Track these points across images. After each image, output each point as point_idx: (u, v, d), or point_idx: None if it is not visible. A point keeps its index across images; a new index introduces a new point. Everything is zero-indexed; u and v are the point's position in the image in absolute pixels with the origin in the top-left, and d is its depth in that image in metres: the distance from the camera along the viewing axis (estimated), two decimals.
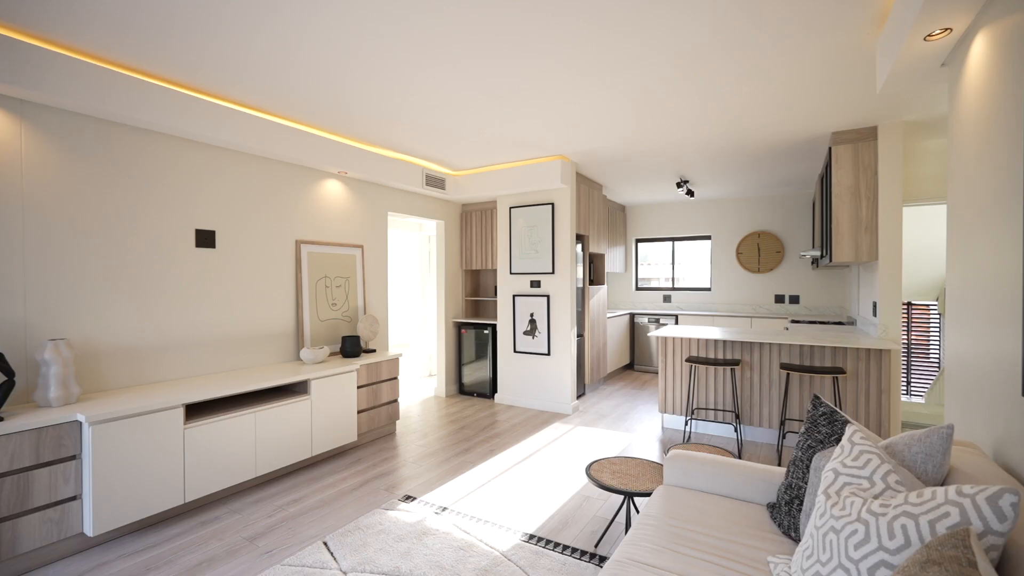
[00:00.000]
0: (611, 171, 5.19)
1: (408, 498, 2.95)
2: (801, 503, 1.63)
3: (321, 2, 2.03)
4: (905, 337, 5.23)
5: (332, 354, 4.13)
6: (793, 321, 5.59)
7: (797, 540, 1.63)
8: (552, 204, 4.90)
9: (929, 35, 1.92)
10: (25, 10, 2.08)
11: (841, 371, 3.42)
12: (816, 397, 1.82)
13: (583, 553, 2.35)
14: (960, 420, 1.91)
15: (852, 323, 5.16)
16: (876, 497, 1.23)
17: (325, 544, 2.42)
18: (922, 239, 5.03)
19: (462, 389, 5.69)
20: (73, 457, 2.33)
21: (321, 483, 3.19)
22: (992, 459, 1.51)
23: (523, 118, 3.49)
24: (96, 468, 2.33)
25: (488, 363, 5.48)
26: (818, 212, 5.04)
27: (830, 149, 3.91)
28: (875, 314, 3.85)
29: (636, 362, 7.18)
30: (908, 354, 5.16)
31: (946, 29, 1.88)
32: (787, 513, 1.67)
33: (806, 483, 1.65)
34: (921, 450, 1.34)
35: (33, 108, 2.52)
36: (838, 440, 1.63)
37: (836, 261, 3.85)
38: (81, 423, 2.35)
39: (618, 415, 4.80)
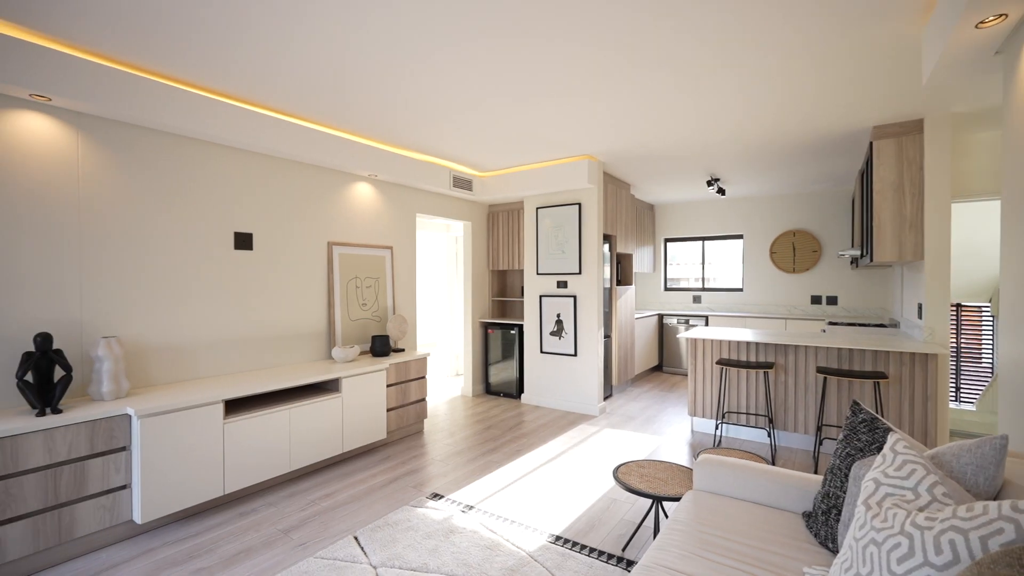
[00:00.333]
0: (639, 170, 5.12)
1: (436, 496, 2.99)
2: (839, 513, 1.58)
3: (352, 15, 2.08)
4: (954, 341, 4.96)
5: (362, 353, 4.22)
6: (830, 323, 5.38)
7: (835, 552, 1.57)
8: (579, 204, 4.87)
9: (981, 22, 1.82)
10: (83, 26, 2.21)
11: (883, 376, 3.27)
12: (855, 403, 1.75)
13: (610, 556, 2.33)
14: (1015, 429, 1.80)
15: (895, 326, 4.93)
16: (921, 510, 1.17)
17: (356, 539, 2.48)
18: (972, 237, 4.76)
19: (489, 389, 5.72)
20: (123, 448, 2.47)
21: (352, 479, 3.27)
22: None
23: (550, 118, 3.48)
24: (144, 459, 2.46)
25: (515, 363, 5.49)
26: (858, 209, 4.83)
27: (871, 144, 3.74)
28: (920, 316, 3.66)
29: (665, 364, 7.06)
30: (957, 359, 4.89)
31: (1001, 15, 1.78)
32: (824, 523, 1.61)
33: (844, 492, 1.59)
34: (971, 461, 1.27)
35: (89, 120, 2.67)
36: (879, 448, 1.56)
37: (877, 261, 3.69)
38: (131, 416, 2.48)
39: (646, 417, 4.74)
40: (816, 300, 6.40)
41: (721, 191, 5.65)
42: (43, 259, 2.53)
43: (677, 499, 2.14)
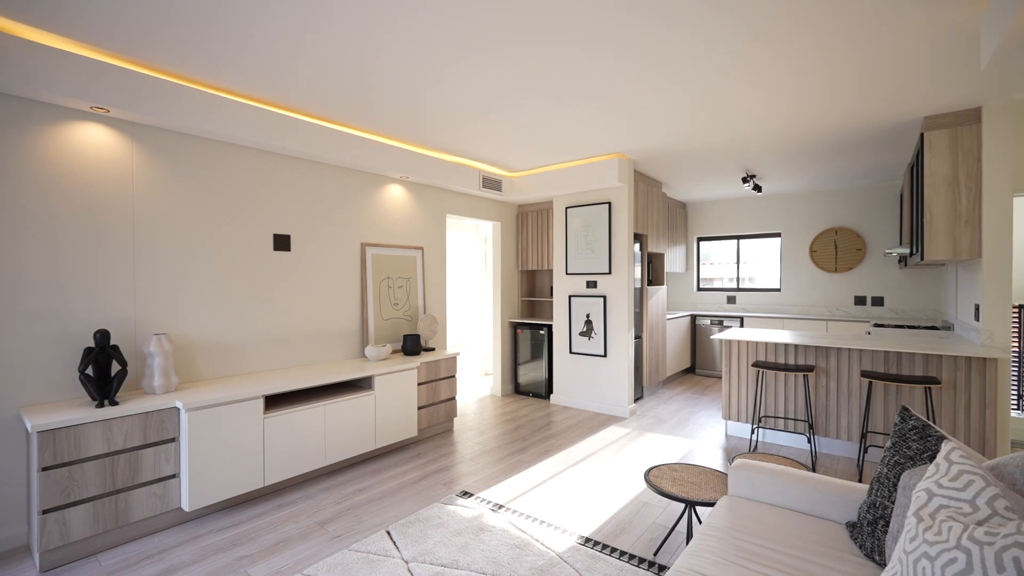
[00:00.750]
0: (671, 168, 5.02)
1: (465, 494, 3.02)
2: (887, 524, 1.50)
3: (382, 22, 2.13)
4: (1016, 344, 4.64)
5: (394, 352, 4.30)
6: (876, 325, 5.12)
7: (881, 564, 1.50)
8: (609, 203, 4.81)
9: None
10: (138, 41, 2.35)
11: (935, 381, 3.10)
12: (905, 409, 1.67)
13: (641, 560, 2.29)
14: None
15: (949, 328, 4.65)
16: (980, 524, 1.11)
17: (388, 533, 2.54)
18: None
19: (518, 389, 5.73)
20: (173, 439, 2.60)
21: (384, 475, 3.34)
22: None
23: (581, 118, 3.46)
24: (191, 450, 2.59)
25: (543, 363, 5.48)
26: (907, 205, 4.58)
27: (922, 135, 3.54)
28: (978, 318, 3.44)
29: (697, 366, 6.89)
30: (1020, 364, 4.57)
31: None
32: (870, 534, 1.54)
33: (892, 502, 1.51)
34: None
35: (142, 129, 2.83)
36: (931, 457, 1.48)
37: (929, 259, 3.49)
38: (179, 409, 2.61)
39: (678, 420, 4.64)
40: (860, 301, 6.11)
41: (757, 188, 5.47)
42: (102, 261, 2.69)
43: (711, 504, 2.08)
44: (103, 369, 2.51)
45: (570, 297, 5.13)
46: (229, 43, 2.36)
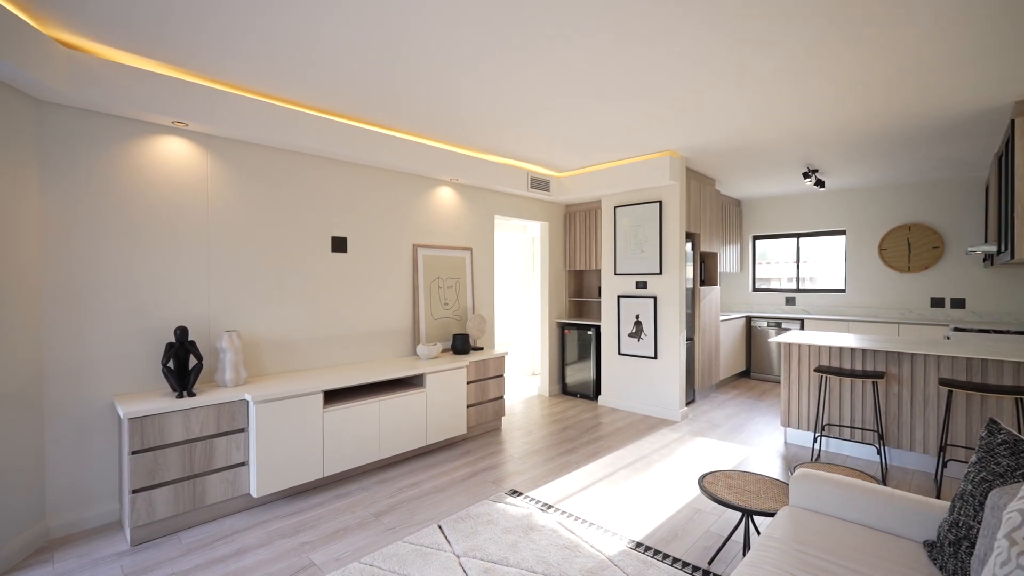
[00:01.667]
0: (725, 164, 4.84)
1: (514, 492, 3.05)
2: (972, 545, 1.39)
3: (445, 31, 2.19)
4: None
5: (444, 351, 4.41)
6: (956, 329, 4.71)
7: None
8: (660, 202, 4.70)
9: None
10: (212, 58, 2.54)
11: None
12: (993, 421, 1.53)
13: (695, 569, 2.23)
14: None
15: None
16: None
17: (440, 528, 2.61)
18: None
19: (565, 389, 5.71)
20: (242, 430, 2.79)
21: (435, 471, 3.43)
22: None
23: (630, 116, 3.40)
24: (259, 440, 2.77)
25: (591, 364, 5.43)
26: (994, 198, 4.18)
27: (1012, 122, 3.23)
28: None
29: (753, 369, 6.59)
30: None
31: None
32: (952, 555, 1.43)
33: (978, 522, 1.40)
34: None
35: (215, 141, 3.06)
36: None
37: (1019, 258, 3.17)
38: (248, 402, 2.80)
39: (732, 425, 4.46)
40: (938, 303, 5.64)
41: (820, 183, 5.16)
42: (180, 263, 2.93)
43: (769, 514, 2.00)
44: (182, 363, 2.74)
45: (619, 298, 5.06)
46: (293, 58, 2.51)
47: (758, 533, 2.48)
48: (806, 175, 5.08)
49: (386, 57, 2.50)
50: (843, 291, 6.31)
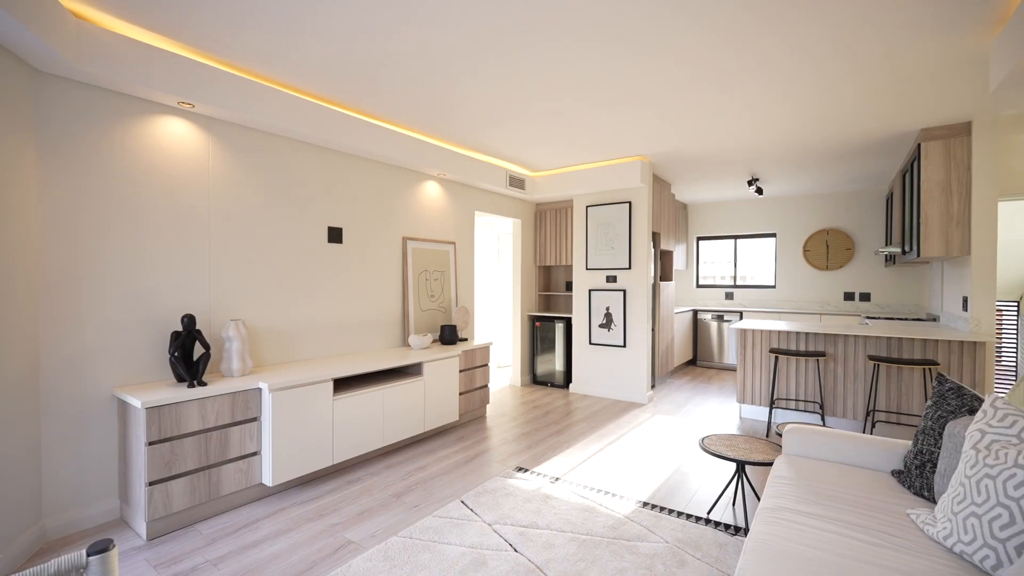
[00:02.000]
0: (682, 170, 5.36)
1: (521, 469, 3.25)
2: (934, 466, 1.81)
3: (439, 29, 2.35)
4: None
5: (433, 342, 4.49)
6: (868, 317, 5.58)
7: (929, 499, 1.80)
8: (630, 203, 5.11)
9: None
10: (225, 39, 2.50)
11: (934, 363, 3.49)
12: (941, 375, 1.99)
13: (698, 518, 2.57)
14: None
15: (933, 319, 5.13)
16: None
17: (463, 502, 2.75)
18: (1005, 236, 4.94)
19: (535, 379, 5.98)
20: (255, 419, 2.75)
21: (436, 455, 3.54)
22: None
23: (613, 120, 3.73)
24: (274, 428, 2.74)
25: (560, 355, 5.74)
26: (897, 208, 5.03)
27: (918, 145, 3.96)
28: (966, 309, 3.87)
29: (699, 358, 7.28)
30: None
31: None
32: (919, 476, 1.85)
33: (939, 448, 1.83)
34: None
35: (218, 124, 2.97)
36: (970, 411, 1.80)
37: (925, 256, 3.90)
38: (261, 390, 2.76)
39: (693, 405, 4.97)
40: (849, 296, 6.60)
41: (759, 190, 5.87)
42: (182, 249, 2.82)
43: (765, 464, 2.38)
44: (187, 352, 2.64)
45: (590, 291, 5.41)
46: (305, 39, 2.54)
47: (749, 485, 2.89)
48: (750, 183, 5.75)
49: (395, 57, 2.60)
50: (773, 287, 7.16)
